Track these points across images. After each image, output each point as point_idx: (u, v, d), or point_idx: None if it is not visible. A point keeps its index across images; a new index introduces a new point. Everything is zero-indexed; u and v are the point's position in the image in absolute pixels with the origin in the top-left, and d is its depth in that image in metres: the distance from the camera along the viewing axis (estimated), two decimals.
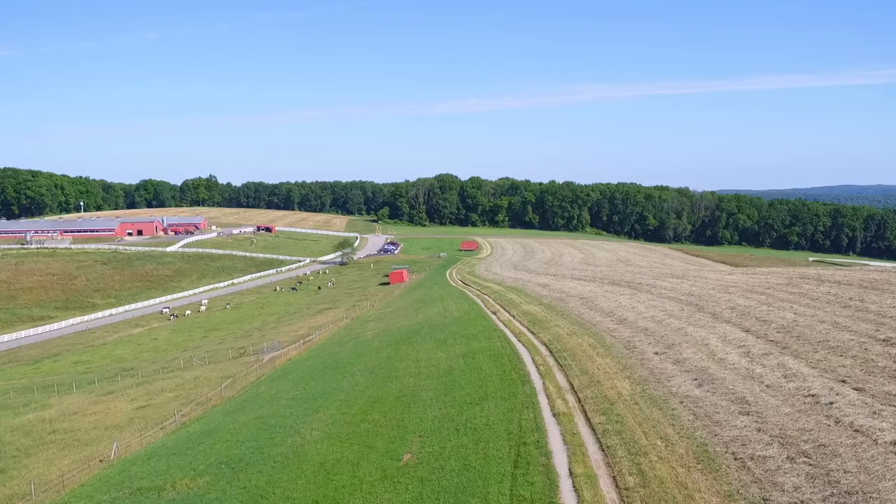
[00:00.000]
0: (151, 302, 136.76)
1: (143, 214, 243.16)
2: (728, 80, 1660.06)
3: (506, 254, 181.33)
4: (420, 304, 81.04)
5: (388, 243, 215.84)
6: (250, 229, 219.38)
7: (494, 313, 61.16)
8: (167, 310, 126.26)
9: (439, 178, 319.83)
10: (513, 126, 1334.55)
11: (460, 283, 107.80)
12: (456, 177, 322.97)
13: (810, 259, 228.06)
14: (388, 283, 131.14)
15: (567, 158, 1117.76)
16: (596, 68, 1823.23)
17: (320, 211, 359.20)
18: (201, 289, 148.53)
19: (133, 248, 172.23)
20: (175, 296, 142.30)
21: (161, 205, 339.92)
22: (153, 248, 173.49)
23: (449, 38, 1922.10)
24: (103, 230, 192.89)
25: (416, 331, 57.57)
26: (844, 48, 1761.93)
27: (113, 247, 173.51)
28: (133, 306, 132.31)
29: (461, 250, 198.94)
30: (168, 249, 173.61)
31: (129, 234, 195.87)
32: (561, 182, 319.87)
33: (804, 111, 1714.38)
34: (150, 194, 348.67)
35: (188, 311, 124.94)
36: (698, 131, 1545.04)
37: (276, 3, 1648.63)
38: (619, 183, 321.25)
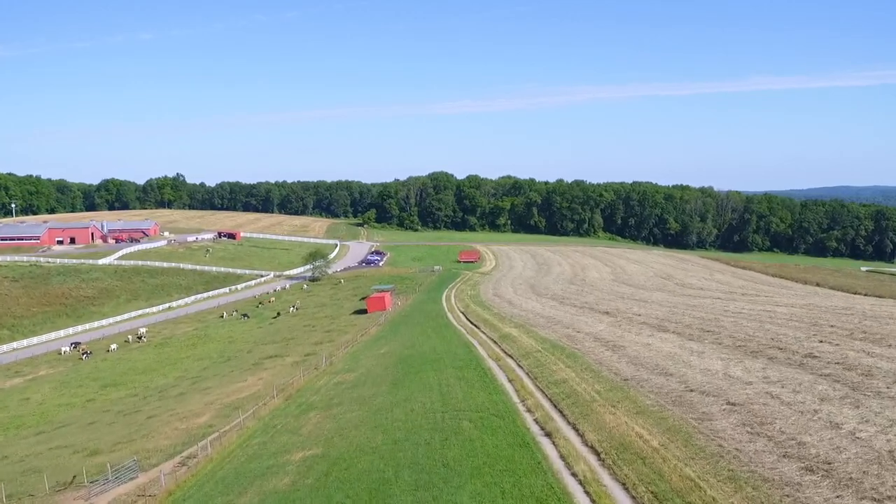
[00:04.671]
0: (56, 335, 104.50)
1: (80, 219, 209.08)
2: (721, 82, 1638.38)
3: (514, 268, 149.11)
4: (402, 371, 49.29)
5: (371, 252, 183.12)
6: (210, 236, 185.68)
7: (548, 435, 29.29)
8: (68, 348, 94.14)
9: (433, 176, 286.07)
10: (511, 127, 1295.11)
11: (464, 319, 75.99)
12: (452, 175, 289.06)
13: (863, 269, 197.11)
14: (365, 311, 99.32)
15: (569, 161, 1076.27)
16: (594, 69, 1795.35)
17: (302, 214, 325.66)
18: (127, 315, 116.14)
19: (58, 261, 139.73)
20: (90, 325, 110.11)
21: (125, 206, 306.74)
22: (82, 261, 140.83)
23: (444, 38, 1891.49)
24: (27, 238, 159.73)
25: (381, 487, 25.68)
26: (839, 49, 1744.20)
27: (34, 259, 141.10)
28: (28, 342, 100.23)
29: (459, 262, 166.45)
30: (100, 262, 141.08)
31: (59, 242, 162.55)
32: (570, 181, 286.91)
33: (799, 112, 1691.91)
34: (112, 195, 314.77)
35: (113, 346, 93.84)
36: (690, 133, 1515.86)
37: (271, 3, 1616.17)
38: (634, 182, 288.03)
